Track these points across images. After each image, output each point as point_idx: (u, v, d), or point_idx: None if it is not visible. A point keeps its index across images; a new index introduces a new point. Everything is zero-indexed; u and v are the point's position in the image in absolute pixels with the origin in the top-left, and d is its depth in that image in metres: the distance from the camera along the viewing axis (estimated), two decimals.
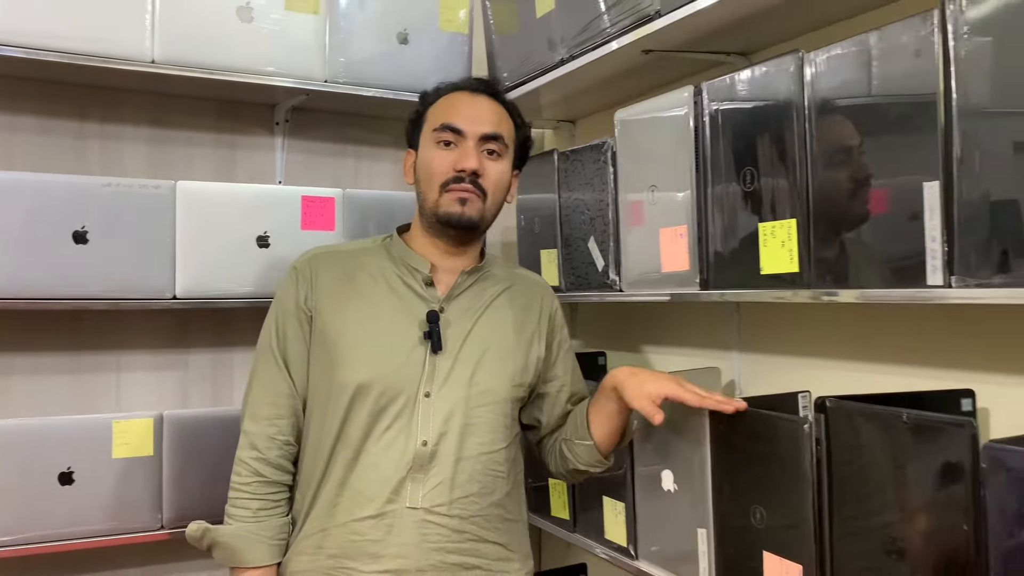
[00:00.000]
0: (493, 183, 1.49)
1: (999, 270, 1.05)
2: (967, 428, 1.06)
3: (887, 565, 1.17)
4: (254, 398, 1.49)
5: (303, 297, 1.50)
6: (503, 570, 1.48)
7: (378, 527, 1.38)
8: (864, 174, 1.22)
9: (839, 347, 1.64)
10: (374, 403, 1.41)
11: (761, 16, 1.61)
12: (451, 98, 1.54)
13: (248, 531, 1.43)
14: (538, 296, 1.62)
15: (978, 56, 1.06)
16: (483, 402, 1.46)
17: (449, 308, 1.49)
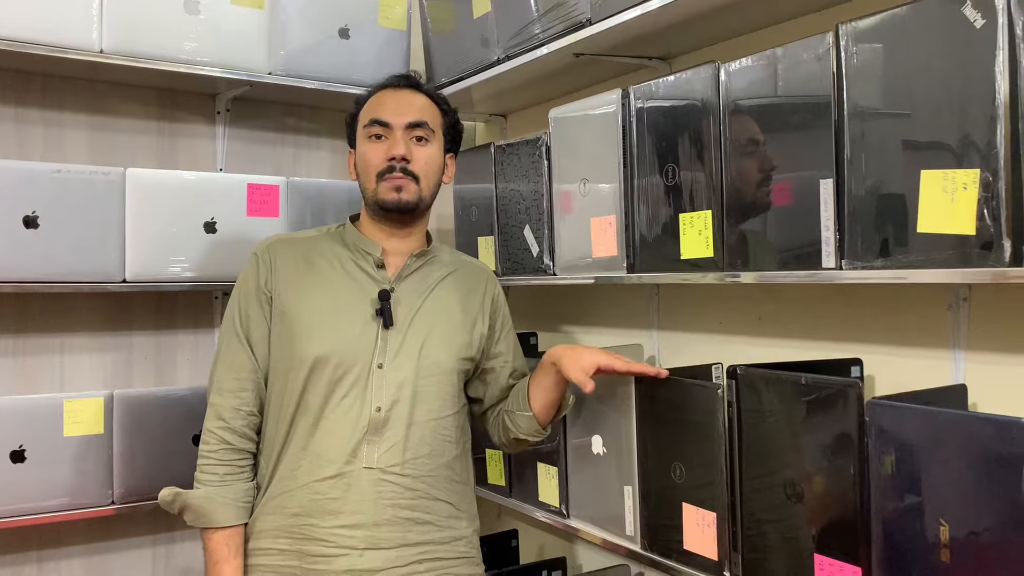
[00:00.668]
0: (423, 166, 1.60)
1: (881, 255, 1.24)
2: (854, 388, 1.25)
3: (788, 509, 1.36)
4: (220, 374, 1.59)
5: (263, 280, 1.60)
6: (452, 527, 1.60)
7: (337, 486, 1.50)
8: (770, 171, 1.40)
9: (747, 324, 1.84)
10: (331, 373, 1.52)
11: (679, 27, 1.79)
12: (378, 96, 1.65)
13: (216, 494, 1.53)
14: (482, 280, 1.75)
15: (865, 72, 1.25)
16: (431, 373, 1.58)
17: (399, 288, 1.61)
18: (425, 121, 1.62)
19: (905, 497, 1.19)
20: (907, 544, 1.19)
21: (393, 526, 1.51)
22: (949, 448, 1.14)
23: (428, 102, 1.67)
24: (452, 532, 1.60)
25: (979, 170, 1.12)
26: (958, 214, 1.14)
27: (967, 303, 1.44)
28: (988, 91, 1.10)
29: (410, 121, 1.60)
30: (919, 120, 1.19)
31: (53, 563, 2.20)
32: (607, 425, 1.75)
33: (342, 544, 1.49)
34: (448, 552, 1.58)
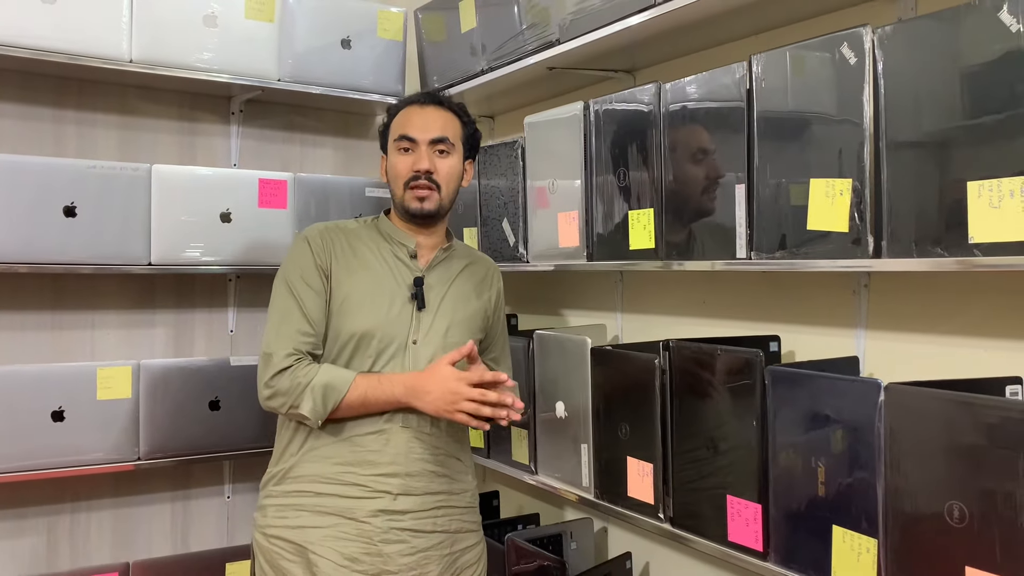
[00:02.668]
0: (445, 176, 1.81)
1: (780, 247, 1.51)
2: (757, 357, 1.52)
3: (708, 460, 1.63)
4: (278, 332, 1.70)
5: (320, 259, 1.76)
6: (462, 480, 1.83)
7: (377, 440, 1.71)
8: (698, 178, 1.67)
9: (694, 307, 2.11)
10: (375, 347, 1.73)
11: (637, 46, 2.04)
12: (406, 112, 1.84)
13: (320, 378, 1.66)
14: (490, 274, 1.96)
15: (770, 96, 1.51)
16: (450, 351, 1.73)
17: (429, 276, 1.81)
18: (447, 137, 1.81)
19: (793, 446, 1.46)
20: (794, 483, 1.46)
21: (422, 477, 1.74)
22: (824, 404, 1.41)
23: (450, 117, 1.85)
24: (462, 484, 1.83)
25: (851, 180, 1.38)
26: (836, 215, 1.41)
27: (867, 289, 1.71)
28: (858, 116, 1.37)
29: (433, 137, 1.79)
30: (810, 137, 1.45)
31: (84, 514, 2.48)
32: (569, 392, 2.02)
33: (378, 489, 1.70)
34: (459, 501, 1.81)
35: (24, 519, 2.40)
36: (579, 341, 1.96)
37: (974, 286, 1.52)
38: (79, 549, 2.47)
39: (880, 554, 1.32)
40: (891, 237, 1.33)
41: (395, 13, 2.66)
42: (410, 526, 1.72)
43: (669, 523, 1.74)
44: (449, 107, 1.87)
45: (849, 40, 1.38)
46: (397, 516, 1.71)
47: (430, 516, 1.75)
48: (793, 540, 1.47)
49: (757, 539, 1.53)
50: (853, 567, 1.36)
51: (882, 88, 1.34)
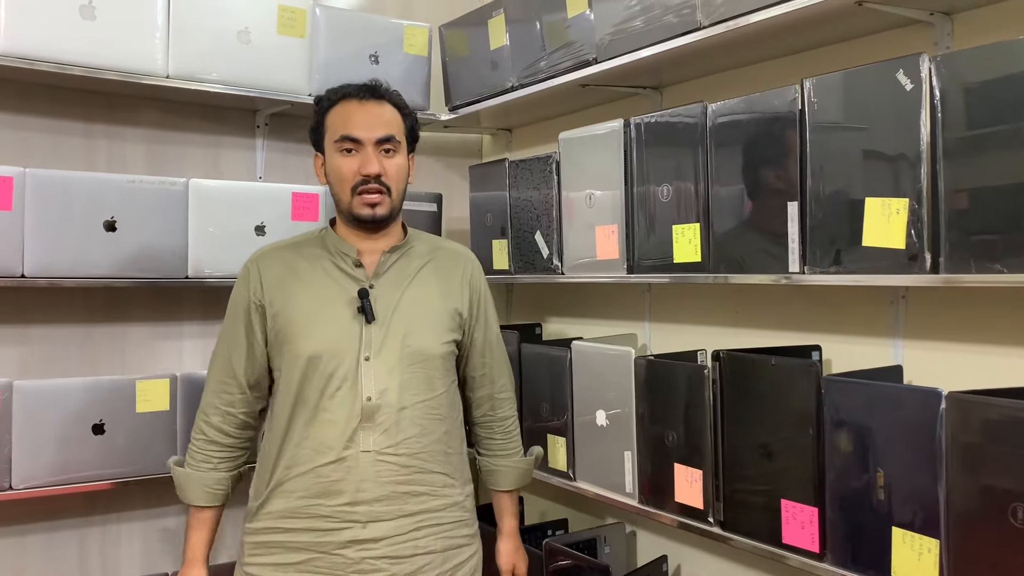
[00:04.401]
0: (394, 177, 1.70)
1: (834, 262, 1.58)
2: (814, 367, 1.60)
3: (760, 465, 1.70)
4: (210, 374, 1.79)
5: (252, 292, 1.74)
6: (446, 495, 1.73)
7: (339, 469, 1.63)
8: (747, 195, 1.74)
9: (725, 317, 2.19)
10: (324, 369, 1.64)
11: (670, 64, 2.11)
12: (344, 107, 1.71)
13: (191, 477, 1.76)
14: (459, 263, 1.83)
15: (824, 118, 1.59)
16: (415, 360, 1.69)
17: (378, 284, 1.71)
18: (392, 135, 1.70)
19: (850, 452, 1.54)
20: (852, 488, 1.53)
21: (391, 500, 1.65)
22: (883, 412, 1.48)
23: (393, 112, 1.74)
24: (447, 499, 1.73)
25: (908, 199, 1.46)
26: (893, 232, 1.48)
27: (905, 300, 1.79)
28: (915, 138, 1.44)
29: (380, 137, 1.68)
30: (865, 158, 1.53)
31: (115, 526, 2.49)
32: (609, 402, 2.08)
33: (346, 519, 1.63)
34: (445, 518, 1.72)
35: (56, 531, 2.40)
36: (623, 352, 2.03)
37: (1016, 299, 1.60)
38: (110, 562, 2.48)
39: (942, 554, 1.40)
40: (948, 254, 1.41)
41: (421, 29, 2.71)
42: (386, 553, 1.64)
43: (719, 527, 1.81)
44: (389, 99, 1.76)
45: (905, 67, 1.46)
46: (369, 545, 1.64)
47: (409, 539, 1.67)
48: (851, 542, 1.55)
49: (813, 541, 1.60)
50: (914, 567, 1.44)
51: (939, 113, 1.42)
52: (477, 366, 1.86)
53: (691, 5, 1.87)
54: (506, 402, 1.91)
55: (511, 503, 1.94)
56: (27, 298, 2.34)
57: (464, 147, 3.16)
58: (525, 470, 1.94)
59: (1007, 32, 1.62)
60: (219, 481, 1.76)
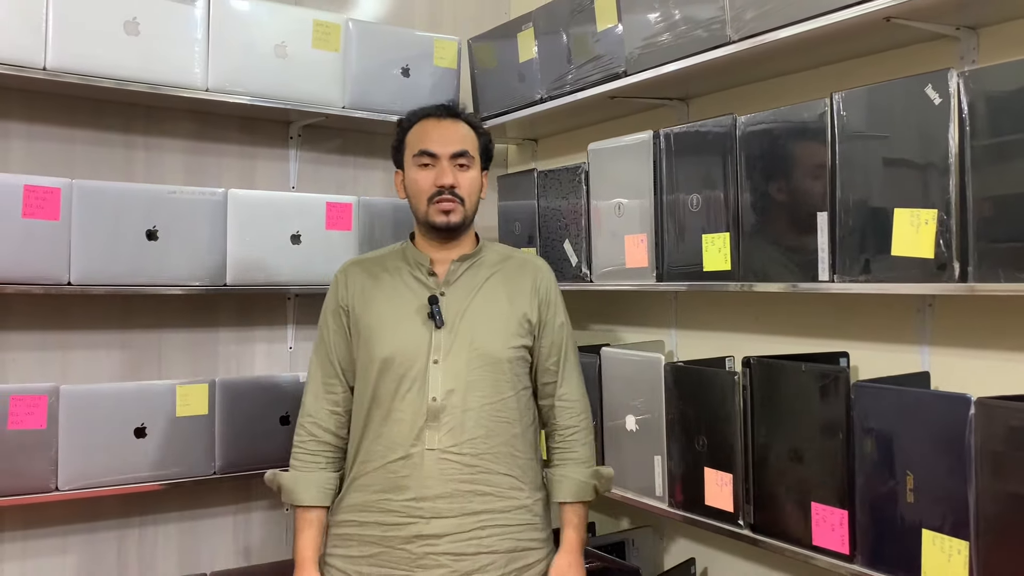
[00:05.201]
0: (467, 189, 1.81)
1: (863, 271, 1.62)
2: (843, 373, 1.64)
3: (791, 469, 1.74)
4: (311, 381, 1.88)
5: (340, 298, 1.87)
6: (514, 497, 1.76)
7: (406, 466, 1.71)
8: (777, 203, 1.78)
9: (749, 323, 2.23)
10: (396, 371, 1.75)
11: (698, 77, 2.16)
12: (422, 126, 1.84)
13: (300, 478, 1.82)
14: (529, 272, 1.88)
15: (853, 131, 1.63)
16: (482, 363, 1.75)
17: (449, 291, 1.80)
18: (467, 150, 1.81)
19: (880, 455, 1.58)
20: (882, 491, 1.57)
21: (454, 498, 1.70)
22: (913, 417, 1.52)
23: (468, 129, 1.86)
24: (514, 501, 1.76)
25: (936, 210, 1.50)
26: (921, 242, 1.53)
27: (932, 308, 1.83)
28: (943, 151, 1.49)
29: (454, 151, 1.80)
30: (894, 170, 1.57)
31: (152, 527, 2.55)
32: (637, 408, 2.12)
33: (411, 514, 1.70)
34: (511, 519, 1.75)
35: (96, 532, 2.47)
36: (653, 358, 2.07)
37: None
38: (146, 562, 2.54)
39: (972, 555, 1.44)
40: (977, 264, 1.45)
41: (450, 42, 2.77)
42: (448, 550, 1.70)
43: (750, 529, 1.85)
44: (465, 119, 1.88)
45: (933, 81, 1.50)
46: (432, 540, 1.70)
47: (472, 537, 1.71)
48: (881, 543, 1.58)
49: (843, 543, 1.64)
50: (944, 568, 1.48)
51: (967, 126, 1.46)
52: (543, 374, 1.88)
53: (720, 20, 1.92)
54: (568, 411, 1.87)
55: (571, 516, 1.85)
56: (71, 305, 2.41)
57: None
58: (584, 483, 1.84)
59: None
60: (329, 480, 1.84)
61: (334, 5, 2.88)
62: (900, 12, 1.63)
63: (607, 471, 1.89)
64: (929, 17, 1.69)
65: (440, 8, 3.13)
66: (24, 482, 2.12)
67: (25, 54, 2.11)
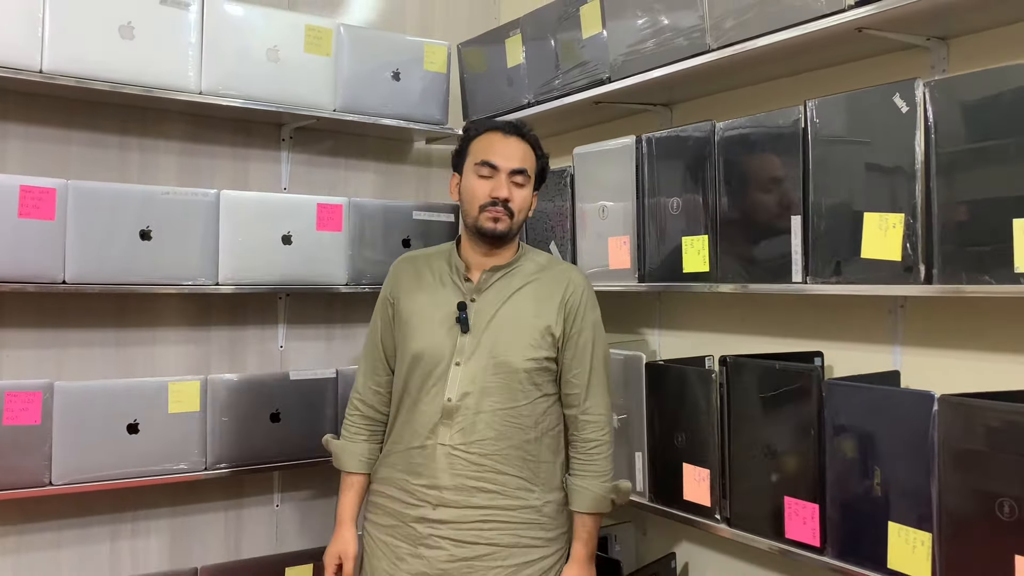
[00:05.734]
0: (518, 205, 1.90)
1: (835, 273, 1.68)
2: (815, 372, 1.70)
3: (765, 464, 1.80)
4: (363, 362, 2.07)
5: (388, 291, 2.03)
6: (521, 497, 1.84)
7: (422, 454, 1.86)
8: (753, 208, 1.84)
9: (731, 324, 2.29)
10: (425, 366, 1.88)
11: (680, 83, 2.22)
12: (489, 137, 1.93)
13: (346, 447, 2.03)
14: (562, 284, 1.93)
15: (825, 137, 1.69)
16: (499, 371, 1.84)
17: (480, 298, 1.90)
18: (525, 169, 1.91)
19: (849, 451, 1.63)
20: (851, 485, 1.63)
21: (460, 491, 1.82)
22: (880, 414, 1.58)
23: (528, 150, 1.95)
24: (520, 501, 1.84)
25: (904, 214, 1.56)
26: (889, 245, 1.58)
27: (904, 309, 1.89)
28: (910, 157, 1.55)
29: (514, 168, 1.90)
30: (864, 175, 1.63)
31: (144, 523, 2.60)
32: (619, 406, 2.18)
33: (422, 498, 1.85)
34: (515, 517, 1.83)
35: (89, 527, 2.51)
36: (634, 357, 2.13)
37: (1007, 308, 1.70)
38: (140, 556, 2.58)
39: (935, 546, 1.49)
40: (941, 266, 1.51)
41: (440, 47, 2.83)
42: (449, 535, 1.82)
43: (726, 524, 1.91)
44: (528, 140, 1.96)
45: (901, 90, 1.56)
46: (436, 524, 1.83)
47: (473, 528, 1.82)
48: (849, 536, 1.64)
49: (815, 535, 1.70)
50: (908, 559, 1.53)
51: (932, 134, 1.52)
52: (566, 385, 1.92)
53: (701, 29, 1.98)
54: (591, 425, 1.90)
55: (583, 527, 1.89)
56: (66, 303, 2.45)
57: None
58: (600, 496, 1.87)
59: (1001, 56, 1.72)
60: (370, 451, 2.03)
61: (327, 10, 2.93)
62: (871, 23, 1.70)
63: (625, 485, 1.91)
64: (900, 28, 1.75)
65: (431, 13, 3.18)
66: (18, 477, 2.16)
67: (22, 57, 2.16)
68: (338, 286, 2.63)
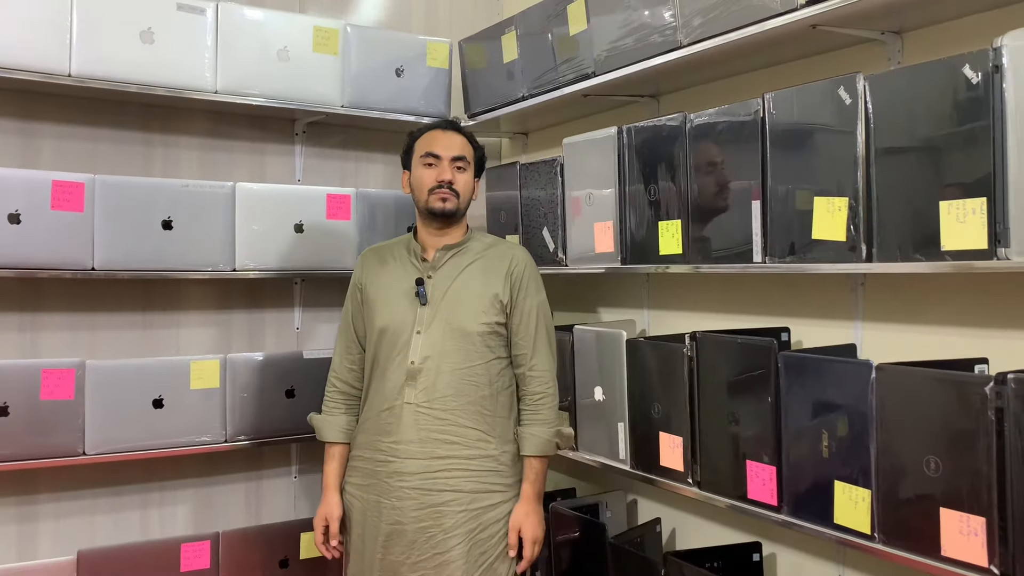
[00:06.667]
0: (462, 187, 2.17)
1: (790, 253, 1.82)
2: (770, 344, 1.84)
3: (729, 430, 1.95)
4: (338, 343, 2.30)
5: (357, 279, 2.28)
6: (480, 447, 2.08)
7: (391, 414, 2.10)
8: (720, 194, 1.98)
9: (712, 304, 2.42)
10: (390, 338, 2.13)
11: (662, 76, 2.36)
12: (431, 135, 2.21)
13: (326, 420, 2.26)
14: (507, 258, 2.19)
15: (780, 128, 1.82)
16: (455, 336, 2.09)
17: (436, 275, 2.15)
18: (464, 156, 2.20)
19: (803, 416, 1.77)
20: (803, 448, 1.77)
21: (424, 443, 2.06)
22: (827, 382, 1.72)
23: (465, 141, 2.23)
24: (479, 451, 2.08)
25: (847, 198, 1.69)
26: (836, 227, 1.72)
27: (864, 287, 2.02)
28: (852, 146, 1.68)
29: (454, 155, 2.18)
30: (814, 162, 1.76)
31: (171, 492, 2.81)
32: (605, 379, 2.33)
33: (392, 454, 2.08)
34: (475, 465, 2.06)
35: (121, 495, 2.72)
36: (615, 334, 2.28)
37: (950, 285, 1.83)
38: (168, 521, 2.79)
39: (873, 502, 1.63)
40: (880, 245, 1.64)
41: (442, 44, 2.98)
42: (418, 485, 2.05)
43: (697, 487, 2.06)
44: (464, 133, 2.25)
45: (845, 84, 1.69)
46: (406, 476, 2.06)
47: (439, 477, 2.05)
48: (802, 495, 1.78)
49: (772, 495, 1.84)
50: (851, 514, 1.67)
51: (871, 124, 1.65)
52: (515, 347, 2.17)
53: (673, 27, 2.12)
54: (536, 380, 2.14)
55: (530, 469, 2.11)
56: (96, 289, 2.66)
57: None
58: (545, 440, 2.10)
59: (953, 48, 1.82)
60: (347, 422, 2.26)
61: (335, 11, 3.10)
62: (824, 20, 1.82)
63: (568, 431, 2.21)
64: (853, 24, 1.87)
65: (436, 11, 3.34)
66: (55, 447, 2.38)
67: (52, 63, 2.36)
68: (349, 271, 2.79)
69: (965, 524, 1.47)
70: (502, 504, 2.09)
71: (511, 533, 2.09)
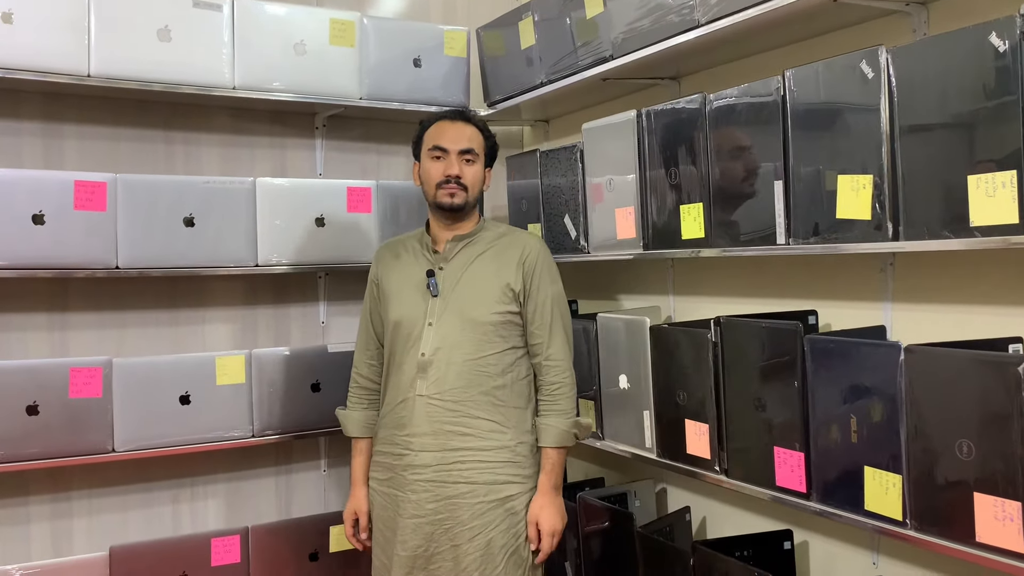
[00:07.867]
0: (470, 180, 2.13)
1: (814, 234, 1.77)
2: (796, 328, 1.79)
3: (756, 416, 1.91)
4: (358, 340, 2.32)
5: (373, 274, 2.28)
6: (494, 438, 2.05)
7: (405, 407, 2.10)
8: (741, 176, 1.94)
9: (738, 288, 2.38)
10: (403, 331, 2.13)
11: (682, 57, 2.31)
12: (438, 126, 2.17)
13: (350, 415, 2.28)
14: (520, 247, 2.15)
15: (802, 106, 1.77)
16: (467, 326, 2.07)
17: (447, 266, 2.14)
18: (472, 148, 2.15)
19: (831, 401, 1.73)
20: (832, 433, 1.73)
21: (438, 436, 2.05)
22: (855, 365, 1.67)
23: (475, 131, 2.18)
24: (494, 442, 2.05)
25: (872, 175, 1.64)
26: (861, 205, 1.67)
27: (893, 267, 1.96)
28: (876, 121, 1.62)
29: (462, 148, 2.13)
30: (836, 139, 1.71)
31: (202, 487, 2.83)
32: (630, 367, 2.30)
33: (407, 447, 2.08)
34: (490, 456, 2.04)
35: (152, 491, 2.75)
36: (639, 321, 2.25)
37: (982, 262, 1.77)
38: (199, 516, 2.82)
39: (904, 487, 1.59)
40: (907, 223, 1.59)
41: (459, 32, 2.96)
42: (432, 478, 2.04)
43: (724, 475, 2.02)
44: (474, 122, 2.20)
45: (867, 58, 1.64)
46: (420, 469, 2.06)
47: (453, 469, 2.04)
48: (831, 481, 1.74)
49: (801, 482, 1.80)
50: (882, 500, 1.63)
51: (895, 98, 1.60)
52: (530, 336, 2.14)
53: (690, 5, 2.07)
54: (553, 369, 2.10)
55: (548, 460, 2.08)
56: (122, 287, 2.68)
57: (506, 139, 3.40)
58: (563, 431, 2.07)
59: (979, 16, 1.75)
60: (369, 417, 2.27)
61: (352, 3, 3.08)
62: None
63: (586, 421, 2.17)
64: None
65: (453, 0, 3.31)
66: (85, 445, 2.40)
67: (72, 64, 2.37)
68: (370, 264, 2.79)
69: (1000, 509, 1.42)
70: (520, 496, 2.07)
71: (529, 526, 2.07)
